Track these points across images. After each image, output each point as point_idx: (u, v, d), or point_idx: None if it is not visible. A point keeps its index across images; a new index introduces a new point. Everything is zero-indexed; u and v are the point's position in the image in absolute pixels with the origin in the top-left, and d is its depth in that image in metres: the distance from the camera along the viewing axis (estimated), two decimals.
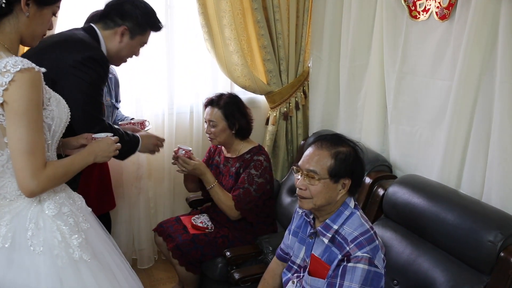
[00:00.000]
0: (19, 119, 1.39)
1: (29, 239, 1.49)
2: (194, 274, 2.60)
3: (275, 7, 3.00)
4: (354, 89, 2.87)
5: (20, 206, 1.53)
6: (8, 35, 1.47)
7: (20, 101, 1.38)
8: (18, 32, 1.48)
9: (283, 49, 3.10)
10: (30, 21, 1.48)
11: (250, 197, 2.56)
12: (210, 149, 2.86)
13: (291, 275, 1.91)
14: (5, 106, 1.39)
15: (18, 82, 1.37)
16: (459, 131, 2.16)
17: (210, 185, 2.58)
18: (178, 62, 3.09)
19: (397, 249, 2.09)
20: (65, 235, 1.54)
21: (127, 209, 3.16)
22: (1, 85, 1.36)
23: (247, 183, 2.56)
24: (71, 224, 1.57)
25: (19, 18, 1.46)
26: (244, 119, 2.63)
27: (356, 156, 1.76)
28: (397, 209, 2.19)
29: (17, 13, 1.46)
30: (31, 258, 1.48)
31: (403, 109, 2.51)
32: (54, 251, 1.50)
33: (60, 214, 1.56)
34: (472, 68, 2.06)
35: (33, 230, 1.50)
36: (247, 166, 2.59)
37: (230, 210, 2.56)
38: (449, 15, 2.17)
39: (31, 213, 1.53)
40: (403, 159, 2.55)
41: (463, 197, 2.05)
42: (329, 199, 1.73)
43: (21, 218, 1.51)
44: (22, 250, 1.49)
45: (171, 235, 2.63)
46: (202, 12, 2.90)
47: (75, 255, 1.53)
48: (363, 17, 2.72)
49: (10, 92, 1.36)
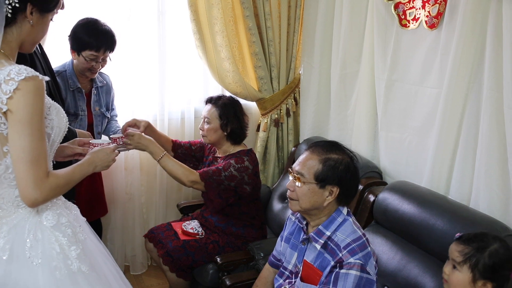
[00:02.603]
0: (23, 128, 1.38)
1: (28, 250, 1.46)
2: (185, 281, 2.60)
3: (266, 15, 3.02)
4: (344, 96, 2.90)
5: (18, 217, 1.50)
6: (9, 43, 1.47)
7: (25, 109, 1.37)
8: (19, 40, 1.49)
9: (274, 56, 3.12)
10: (33, 29, 1.49)
11: (219, 178, 2.48)
12: (207, 145, 2.81)
13: (282, 281, 1.91)
14: (9, 114, 1.37)
15: (23, 91, 1.36)
16: (448, 138, 2.19)
17: (159, 156, 2.37)
18: (170, 69, 3.09)
19: (387, 255, 2.11)
20: (64, 247, 1.51)
21: (119, 215, 3.15)
22: (5, 93, 1.35)
23: (223, 168, 2.50)
24: (69, 235, 1.54)
25: (22, 27, 1.47)
26: (238, 123, 2.63)
27: (347, 165, 1.74)
28: (387, 215, 2.21)
29: (20, 22, 1.46)
30: (29, 270, 1.46)
31: (393, 116, 2.54)
32: (53, 263, 1.48)
33: (58, 225, 1.54)
34: (460, 76, 2.10)
35: (32, 242, 1.47)
36: (229, 158, 2.57)
37: (186, 177, 2.41)
38: (438, 24, 2.21)
39: (30, 225, 1.50)
40: (393, 166, 2.58)
41: (452, 203, 2.08)
42: (315, 203, 1.74)
43: (19, 230, 1.49)
44: (20, 262, 1.46)
45: (161, 241, 2.62)
46: (194, 19, 2.92)
47: (73, 267, 1.50)
48: (354, 25, 2.75)
49: (15, 101, 1.36)
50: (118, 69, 2.89)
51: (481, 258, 1.55)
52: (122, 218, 3.16)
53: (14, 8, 1.41)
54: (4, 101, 1.35)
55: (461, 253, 1.59)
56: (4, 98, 1.35)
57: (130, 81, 3.00)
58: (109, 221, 3.13)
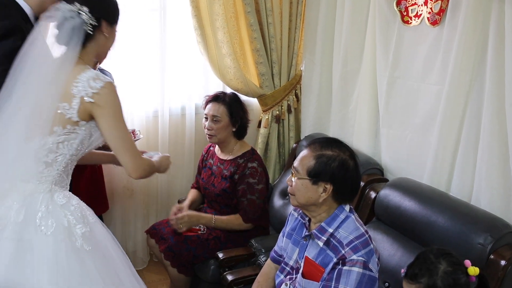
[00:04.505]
0: (117, 122, 1.67)
1: (39, 219, 1.60)
2: (186, 276, 2.60)
3: (268, 11, 3.01)
4: (346, 92, 2.90)
5: (33, 189, 1.65)
6: (88, 55, 1.72)
7: (114, 106, 1.66)
8: (96, 51, 1.74)
9: (275, 52, 3.12)
10: (107, 40, 1.75)
11: (255, 207, 2.60)
12: (203, 154, 2.86)
13: (284, 277, 1.92)
14: (96, 108, 1.63)
15: (109, 90, 1.64)
16: (450, 135, 2.20)
17: (211, 223, 2.61)
18: (171, 65, 3.09)
19: (388, 251, 2.12)
20: (70, 223, 1.65)
21: (119, 211, 3.15)
22: (92, 88, 1.61)
23: (249, 193, 2.59)
24: (77, 216, 1.68)
25: (98, 40, 1.72)
26: (245, 117, 2.69)
27: (342, 162, 1.71)
28: (388, 212, 2.22)
29: (97, 36, 1.71)
30: (38, 238, 1.59)
31: (395, 113, 2.54)
32: (60, 236, 1.61)
33: (68, 205, 1.68)
34: (462, 73, 2.10)
35: (43, 213, 1.62)
36: (243, 176, 2.60)
37: (241, 226, 2.62)
38: (440, 20, 2.21)
39: (43, 197, 1.65)
40: (395, 163, 2.58)
41: (453, 200, 2.09)
42: (309, 199, 1.74)
43: (33, 199, 1.63)
44: (31, 228, 1.60)
45: (163, 237, 2.63)
46: (195, 15, 2.91)
47: (77, 244, 1.63)
48: (356, 21, 2.74)
49: (103, 97, 1.62)
50: (119, 65, 2.89)
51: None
52: (123, 214, 3.17)
53: (93, 26, 1.67)
54: (90, 94, 1.61)
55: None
56: (90, 91, 1.61)
57: (131, 77, 2.99)
58: (110, 217, 3.13)
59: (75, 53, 1.65)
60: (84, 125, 1.67)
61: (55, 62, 1.65)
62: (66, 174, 1.74)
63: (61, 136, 1.64)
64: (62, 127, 1.64)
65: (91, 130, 1.70)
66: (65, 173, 1.73)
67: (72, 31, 1.63)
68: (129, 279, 1.77)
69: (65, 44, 1.64)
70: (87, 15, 1.64)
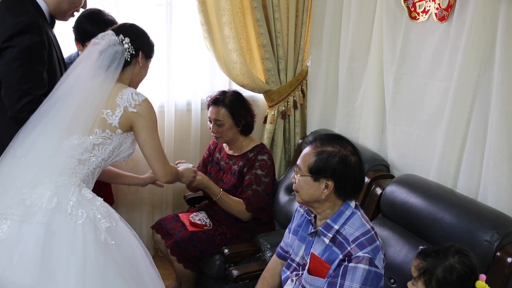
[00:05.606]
0: (152, 133, 1.94)
1: (70, 208, 1.75)
2: (191, 271, 2.62)
3: (274, 6, 3.00)
4: (352, 89, 2.89)
5: (64, 181, 1.80)
6: (125, 80, 1.97)
7: (151, 118, 1.93)
8: (130, 78, 1.99)
9: (282, 48, 3.11)
10: (141, 70, 2.02)
11: (260, 198, 2.59)
12: (210, 146, 2.87)
13: (290, 273, 1.92)
14: (138, 118, 1.89)
15: (148, 103, 1.92)
16: (457, 131, 2.18)
17: (217, 196, 2.57)
18: (177, 60, 3.09)
19: (394, 248, 2.12)
20: (96, 217, 1.79)
21: (125, 207, 3.16)
22: (134, 100, 1.88)
23: (255, 184, 2.58)
24: (103, 211, 1.83)
25: (134, 68, 1.99)
26: (249, 115, 2.68)
27: (343, 159, 1.71)
28: (394, 209, 2.21)
29: (133, 65, 1.98)
30: (67, 225, 1.73)
31: (401, 109, 2.53)
32: (86, 227, 1.75)
33: (94, 200, 1.85)
34: (470, 70, 2.08)
35: (74, 203, 1.77)
36: (252, 166, 2.60)
37: (241, 214, 2.59)
38: (448, 16, 2.19)
39: (74, 190, 1.81)
40: (401, 159, 2.57)
41: (460, 197, 2.08)
42: (312, 196, 1.74)
43: (65, 190, 1.79)
44: (62, 215, 1.74)
45: (169, 232, 2.64)
46: (202, 10, 2.91)
47: (101, 237, 1.76)
48: (363, 17, 2.73)
49: (144, 108, 1.89)
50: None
51: (434, 273, 1.50)
52: (128, 210, 3.17)
53: (132, 54, 1.95)
54: (133, 105, 1.87)
55: (417, 268, 1.56)
56: (133, 103, 1.87)
57: None
58: None
59: (116, 73, 1.90)
60: (120, 134, 1.90)
61: (99, 77, 1.89)
62: (93, 177, 1.93)
63: (100, 138, 1.86)
64: (102, 130, 1.86)
65: (123, 140, 1.93)
66: (92, 176, 1.92)
67: (115, 55, 1.89)
68: (151, 277, 1.89)
69: (108, 65, 1.88)
70: (128, 45, 1.93)
